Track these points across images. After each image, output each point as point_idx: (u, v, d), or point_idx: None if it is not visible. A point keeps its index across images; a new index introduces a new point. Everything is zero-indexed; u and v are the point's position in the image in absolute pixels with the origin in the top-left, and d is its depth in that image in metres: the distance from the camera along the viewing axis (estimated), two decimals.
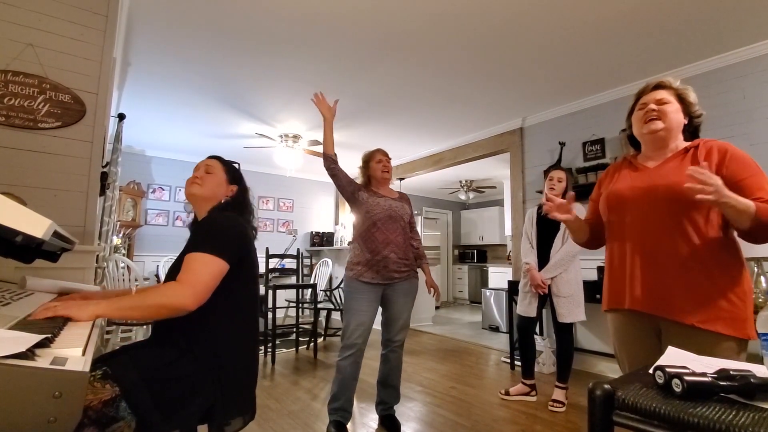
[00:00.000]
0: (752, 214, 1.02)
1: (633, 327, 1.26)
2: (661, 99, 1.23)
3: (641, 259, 1.19)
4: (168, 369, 1.06)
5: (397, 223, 2.18)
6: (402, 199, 2.30)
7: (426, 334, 5.04)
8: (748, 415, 0.58)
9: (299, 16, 2.45)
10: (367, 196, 2.19)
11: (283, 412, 2.41)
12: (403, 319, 2.20)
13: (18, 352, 0.60)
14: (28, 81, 1.69)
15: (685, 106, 1.24)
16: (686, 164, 1.16)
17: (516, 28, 2.55)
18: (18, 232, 0.80)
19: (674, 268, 1.14)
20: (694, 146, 1.21)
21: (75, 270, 1.72)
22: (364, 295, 2.11)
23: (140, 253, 5.21)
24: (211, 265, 1.10)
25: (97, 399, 0.91)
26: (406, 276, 2.20)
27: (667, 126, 1.22)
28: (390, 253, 2.12)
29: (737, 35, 2.61)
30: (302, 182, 6.84)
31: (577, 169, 3.56)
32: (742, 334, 1.08)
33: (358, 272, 2.13)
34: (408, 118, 4.21)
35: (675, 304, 1.13)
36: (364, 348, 2.11)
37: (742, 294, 1.10)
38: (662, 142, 1.25)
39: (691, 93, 1.26)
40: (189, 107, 3.93)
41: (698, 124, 1.28)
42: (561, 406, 2.47)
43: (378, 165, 2.25)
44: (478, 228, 8.74)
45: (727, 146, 1.16)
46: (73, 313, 0.92)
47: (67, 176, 1.77)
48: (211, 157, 1.46)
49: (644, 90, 1.30)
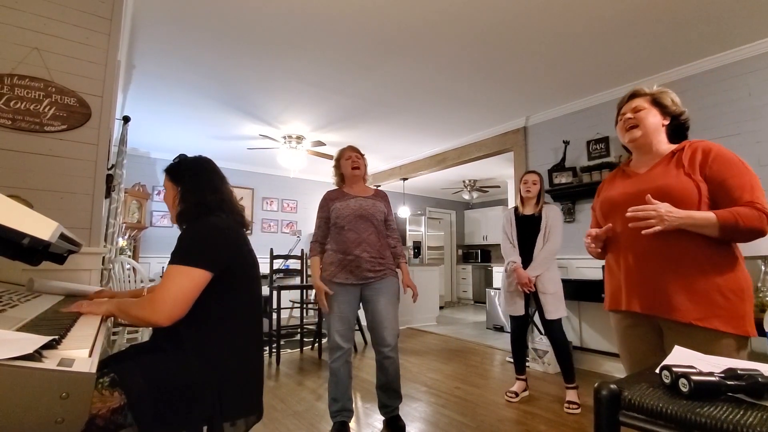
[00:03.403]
0: (714, 224, 1.07)
1: (634, 326, 1.28)
2: (636, 107, 1.30)
3: (635, 262, 1.23)
4: (173, 376, 1.05)
5: (369, 222, 2.14)
6: (377, 197, 2.25)
7: (430, 334, 5.03)
8: (756, 415, 0.58)
9: (302, 18, 2.46)
10: (338, 203, 2.16)
11: (288, 413, 2.41)
12: (389, 320, 2.11)
13: (26, 353, 0.61)
14: (33, 84, 1.71)
15: (662, 108, 1.29)
16: (671, 168, 1.21)
17: (519, 26, 2.54)
18: (25, 235, 0.80)
19: (668, 269, 1.16)
20: (680, 149, 1.24)
21: (81, 272, 1.74)
22: (341, 297, 2.08)
23: (146, 254, 5.24)
24: (182, 277, 1.07)
25: (106, 407, 0.91)
26: (382, 275, 2.13)
27: (644, 132, 1.27)
28: (362, 253, 2.08)
29: (742, 32, 2.59)
30: (306, 183, 6.85)
31: (581, 167, 3.55)
32: (741, 331, 1.09)
33: (332, 273, 2.10)
34: (411, 118, 4.20)
35: (671, 304, 1.14)
36: (350, 348, 2.10)
37: (738, 291, 1.11)
38: (645, 147, 1.30)
39: (667, 96, 1.31)
40: (193, 109, 3.95)
41: (683, 122, 1.32)
42: (577, 408, 2.44)
43: (347, 162, 2.23)
44: (482, 228, 8.72)
45: (711, 146, 1.19)
46: (93, 309, 1.12)
47: (72, 179, 1.78)
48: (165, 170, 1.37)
49: (622, 101, 1.37)
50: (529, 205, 2.70)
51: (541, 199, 2.69)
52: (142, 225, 5.08)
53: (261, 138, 4.65)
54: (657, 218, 1.07)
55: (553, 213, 2.62)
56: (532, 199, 2.68)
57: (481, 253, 8.50)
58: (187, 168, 1.34)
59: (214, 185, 1.31)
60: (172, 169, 1.35)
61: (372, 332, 2.16)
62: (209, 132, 4.64)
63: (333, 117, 4.18)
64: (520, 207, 2.75)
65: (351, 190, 2.25)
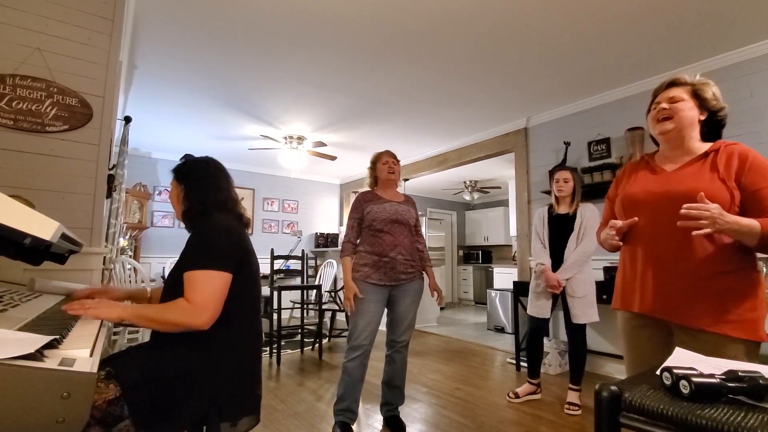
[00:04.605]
0: (757, 233, 1.02)
1: (642, 327, 1.26)
2: (673, 97, 1.21)
3: (652, 264, 1.19)
4: (167, 367, 1.07)
5: (404, 226, 2.20)
6: (407, 203, 2.32)
7: (431, 335, 5.03)
8: (757, 417, 0.58)
9: (304, 18, 2.46)
10: (373, 206, 2.19)
11: (289, 413, 2.41)
12: (409, 319, 2.22)
13: (27, 353, 0.61)
14: (35, 85, 1.71)
15: (701, 102, 1.21)
16: (705, 170, 1.15)
17: (520, 27, 2.54)
18: (26, 235, 0.81)
19: (685, 274, 1.13)
20: (714, 150, 1.18)
21: (82, 272, 1.74)
22: (372, 297, 2.11)
23: (147, 254, 5.25)
24: (215, 281, 1.11)
25: (102, 399, 0.92)
26: (412, 277, 2.22)
27: (678, 125, 1.20)
28: (397, 255, 2.14)
29: (744, 32, 2.59)
30: (307, 183, 6.85)
31: (582, 168, 3.54)
32: (755, 337, 1.08)
33: (365, 273, 2.13)
34: (412, 118, 4.21)
35: (684, 309, 1.12)
36: (370, 349, 2.12)
37: (753, 298, 1.09)
38: (675, 142, 1.23)
39: (709, 88, 1.22)
40: (194, 109, 3.95)
41: (721, 119, 1.23)
42: (577, 409, 2.44)
43: (384, 166, 2.28)
44: (483, 228, 8.71)
45: (748, 152, 1.13)
46: (103, 314, 1.03)
47: (74, 179, 1.78)
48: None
49: (659, 88, 1.28)
50: (563, 204, 2.62)
51: (577, 198, 2.59)
52: (143, 225, 5.08)
53: (262, 138, 4.65)
54: (710, 219, 1.00)
55: (589, 212, 2.52)
56: (567, 198, 2.60)
57: (482, 254, 8.49)
58: (191, 168, 1.36)
59: (218, 185, 1.34)
60: (177, 168, 1.37)
61: (390, 328, 2.23)
62: (210, 132, 4.64)
63: (334, 117, 4.18)
64: (555, 206, 2.67)
65: (384, 194, 2.28)
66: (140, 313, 1.08)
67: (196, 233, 1.22)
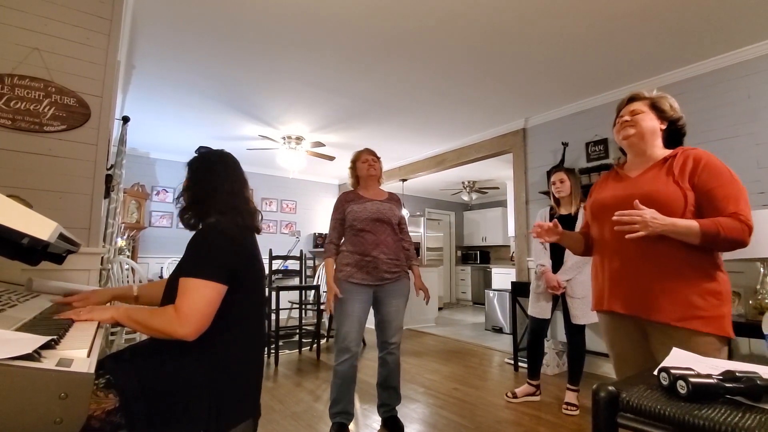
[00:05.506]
0: (697, 232, 1.09)
1: (618, 326, 1.32)
2: (634, 110, 1.32)
3: (619, 263, 1.26)
4: (168, 381, 1.04)
5: (386, 225, 2.17)
6: (391, 201, 2.29)
7: (429, 336, 5.03)
8: (754, 417, 0.58)
9: (303, 19, 2.46)
10: (353, 205, 2.18)
11: (286, 414, 2.41)
12: (397, 320, 2.19)
13: (24, 353, 0.61)
14: (33, 85, 1.71)
15: (659, 113, 1.31)
16: (662, 174, 1.23)
17: (519, 29, 2.54)
18: (24, 235, 0.81)
19: (650, 272, 1.19)
20: (672, 156, 1.26)
21: (80, 272, 1.73)
22: (355, 297, 2.09)
23: (144, 254, 5.24)
24: (206, 291, 1.06)
25: (101, 409, 0.91)
26: (397, 277, 2.19)
27: (638, 131, 1.29)
28: (380, 254, 2.11)
29: (742, 33, 2.60)
30: (305, 184, 6.85)
31: (580, 169, 3.55)
32: (721, 332, 1.13)
33: (348, 273, 2.11)
34: (411, 119, 4.21)
35: (652, 305, 1.18)
36: (358, 350, 2.10)
37: (717, 293, 1.15)
38: (637, 148, 1.32)
39: (666, 101, 1.32)
40: (193, 109, 3.95)
41: (680, 127, 1.34)
42: (575, 410, 2.44)
43: (364, 165, 2.27)
44: (481, 229, 8.72)
45: (702, 155, 1.21)
46: (96, 316, 1.06)
47: (72, 179, 1.78)
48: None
49: (621, 104, 1.39)
50: (565, 205, 2.62)
51: (577, 198, 2.59)
52: (140, 225, 5.07)
53: (260, 138, 4.65)
54: (641, 224, 1.09)
55: None
56: (567, 198, 2.60)
57: (480, 254, 8.50)
58: (197, 163, 1.30)
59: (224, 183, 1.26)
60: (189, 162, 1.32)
61: (379, 330, 2.20)
62: (209, 132, 4.64)
63: (333, 118, 4.18)
64: (556, 207, 2.67)
65: (366, 192, 2.27)
66: (131, 316, 1.08)
67: (195, 237, 1.17)
